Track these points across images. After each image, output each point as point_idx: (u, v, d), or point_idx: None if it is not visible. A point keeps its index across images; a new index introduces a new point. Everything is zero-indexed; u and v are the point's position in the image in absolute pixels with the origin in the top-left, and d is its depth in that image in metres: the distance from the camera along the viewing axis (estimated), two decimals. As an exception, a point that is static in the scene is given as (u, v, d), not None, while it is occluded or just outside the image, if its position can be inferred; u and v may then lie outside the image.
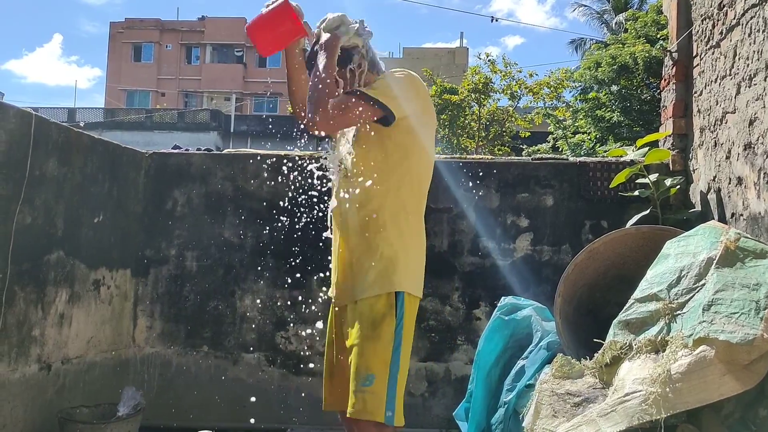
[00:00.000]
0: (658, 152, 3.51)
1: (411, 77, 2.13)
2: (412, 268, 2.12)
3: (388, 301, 2.05)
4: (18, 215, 3.03)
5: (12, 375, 3.05)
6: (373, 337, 2.03)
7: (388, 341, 2.03)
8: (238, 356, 4.02)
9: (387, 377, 2.01)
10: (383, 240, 2.08)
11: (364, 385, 1.99)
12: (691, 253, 2.26)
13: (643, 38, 14.45)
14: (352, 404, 2.01)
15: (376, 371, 2.01)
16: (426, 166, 2.20)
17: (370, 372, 2.00)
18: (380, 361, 2.02)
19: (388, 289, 2.05)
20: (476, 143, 16.46)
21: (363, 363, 2.01)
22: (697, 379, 1.88)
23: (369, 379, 1.99)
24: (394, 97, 2.06)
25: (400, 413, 2.04)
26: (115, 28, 41.96)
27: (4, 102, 3.10)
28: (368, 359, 2.01)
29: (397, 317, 2.05)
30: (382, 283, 2.05)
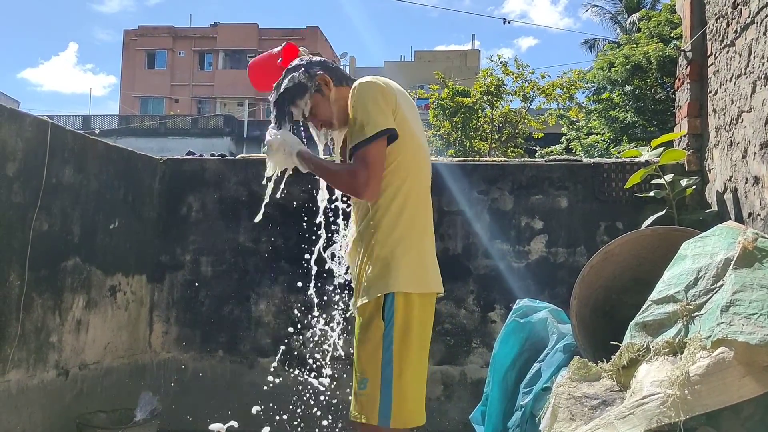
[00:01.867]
0: (673, 152, 3.48)
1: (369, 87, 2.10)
2: (410, 266, 2.07)
3: (375, 304, 2.04)
4: (35, 222, 3.06)
5: (30, 381, 3.08)
6: (364, 340, 2.06)
7: (376, 344, 2.02)
8: (253, 361, 4.03)
9: (379, 380, 2.01)
10: (377, 242, 2.07)
11: (360, 389, 2.04)
12: (708, 253, 2.24)
13: (656, 38, 14.36)
14: (352, 407, 2.06)
15: (369, 375, 2.03)
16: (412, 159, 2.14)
17: (364, 376, 2.04)
18: (371, 364, 2.03)
19: (379, 293, 2.04)
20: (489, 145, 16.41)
21: (359, 367, 2.06)
22: (716, 381, 1.86)
23: (363, 382, 2.03)
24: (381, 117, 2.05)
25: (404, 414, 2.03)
26: (129, 35, 42.31)
27: (21, 110, 3.14)
28: (362, 363, 2.06)
29: (385, 319, 2.02)
30: (376, 287, 2.04)
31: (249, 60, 2.85)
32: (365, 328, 2.05)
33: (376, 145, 2.03)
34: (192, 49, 41.94)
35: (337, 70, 2.27)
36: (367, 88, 2.10)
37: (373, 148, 2.03)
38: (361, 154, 2.03)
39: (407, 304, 2.03)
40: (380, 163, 2.04)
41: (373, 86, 2.10)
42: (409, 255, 2.07)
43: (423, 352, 2.10)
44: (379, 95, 2.08)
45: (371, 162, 2.02)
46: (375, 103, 2.06)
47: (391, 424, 2.00)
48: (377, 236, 2.07)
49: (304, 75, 2.20)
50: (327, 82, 2.21)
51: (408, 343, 2.03)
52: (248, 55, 41.03)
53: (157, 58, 42.06)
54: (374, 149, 2.03)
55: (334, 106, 2.20)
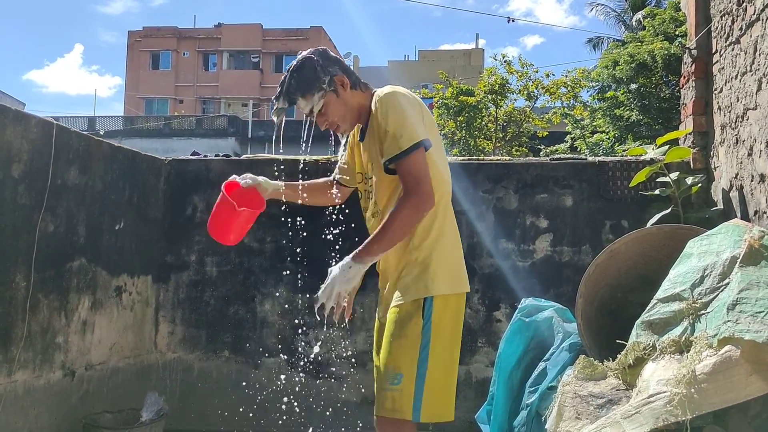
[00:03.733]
0: (679, 150, 3.47)
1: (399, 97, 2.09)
2: (446, 268, 2.14)
3: (414, 304, 2.09)
4: (41, 223, 3.07)
5: (37, 381, 3.09)
6: (401, 336, 2.07)
7: (414, 341, 2.07)
8: (259, 361, 4.04)
9: (415, 376, 2.05)
10: (414, 247, 2.12)
11: (393, 384, 2.04)
12: (714, 251, 2.23)
13: (661, 36, 14.30)
14: (381, 403, 2.06)
15: (404, 371, 2.05)
16: (442, 165, 2.20)
17: (398, 371, 2.05)
18: (408, 360, 2.06)
19: (419, 296, 2.09)
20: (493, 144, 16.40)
21: (391, 362, 2.06)
22: (722, 379, 1.85)
23: (397, 378, 2.04)
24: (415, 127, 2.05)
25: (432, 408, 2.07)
26: (133, 36, 42.43)
27: (26, 112, 3.15)
28: (396, 358, 2.06)
29: (424, 317, 2.08)
30: (416, 289, 2.09)
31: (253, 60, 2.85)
32: (402, 325, 2.07)
33: (416, 155, 2.03)
34: (196, 50, 42.05)
35: (352, 72, 2.23)
36: (396, 98, 2.08)
37: (415, 159, 2.03)
38: (405, 169, 2.02)
39: (445, 305, 2.11)
40: (426, 171, 2.05)
41: (401, 97, 2.09)
42: (445, 258, 2.14)
43: (456, 349, 2.19)
44: (409, 105, 2.08)
45: (420, 175, 2.02)
46: (407, 114, 2.06)
47: (420, 418, 2.05)
48: (413, 241, 2.12)
49: (323, 71, 2.14)
50: (344, 83, 2.17)
51: (443, 341, 2.11)
52: (252, 57, 41.17)
53: (162, 59, 42.18)
54: (416, 160, 2.03)
55: (345, 109, 2.18)
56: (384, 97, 2.10)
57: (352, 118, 2.21)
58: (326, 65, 2.15)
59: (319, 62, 2.15)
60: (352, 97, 2.18)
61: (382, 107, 2.08)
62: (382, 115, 2.07)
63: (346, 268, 2.00)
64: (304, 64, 2.15)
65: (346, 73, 2.18)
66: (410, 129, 2.05)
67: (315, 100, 2.13)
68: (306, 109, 2.16)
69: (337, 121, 2.19)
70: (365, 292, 3.69)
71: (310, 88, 2.13)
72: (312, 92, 2.13)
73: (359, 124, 2.28)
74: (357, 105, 2.19)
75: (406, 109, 2.08)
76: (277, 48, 41.12)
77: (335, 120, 2.19)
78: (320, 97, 2.13)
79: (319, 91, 2.13)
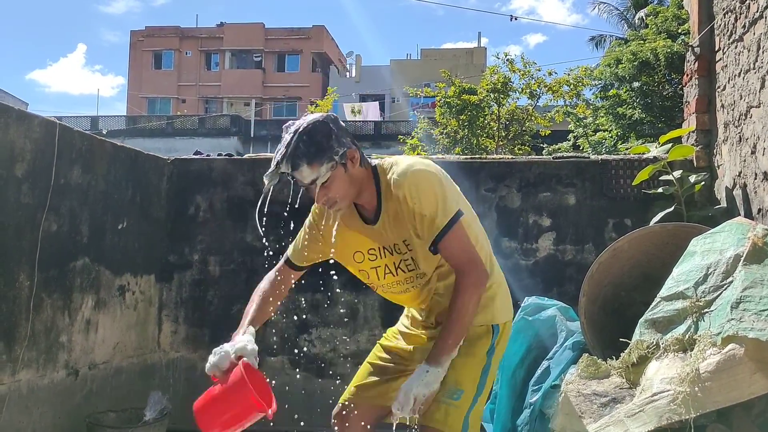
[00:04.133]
0: (682, 148, 3.46)
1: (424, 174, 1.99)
2: (506, 296, 2.20)
3: (483, 327, 2.11)
4: (44, 223, 3.08)
5: (40, 381, 3.10)
6: (468, 354, 2.05)
7: (480, 361, 2.08)
8: (261, 359, 4.02)
9: (473, 395, 2.05)
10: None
11: (453, 399, 2.01)
12: (717, 250, 2.23)
13: (664, 33, 14.28)
14: (431, 413, 2.00)
15: (466, 387, 2.04)
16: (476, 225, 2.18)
17: (460, 387, 2.02)
18: (471, 378, 2.06)
19: (489, 323, 2.11)
20: (496, 143, 16.37)
21: (453, 376, 2.01)
22: (726, 377, 1.85)
23: (458, 393, 2.02)
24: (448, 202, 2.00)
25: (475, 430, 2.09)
26: (136, 36, 42.44)
27: (29, 111, 3.15)
28: (459, 373, 2.03)
29: (491, 342, 2.11)
30: (484, 316, 2.10)
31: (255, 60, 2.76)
32: (472, 344, 2.07)
33: (456, 229, 1.98)
34: (198, 49, 42.05)
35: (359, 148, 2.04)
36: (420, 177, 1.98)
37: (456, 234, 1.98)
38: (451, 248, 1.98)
39: (505, 331, 2.17)
40: (470, 242, 2.03)
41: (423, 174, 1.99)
42: (503, 287, 2.20)
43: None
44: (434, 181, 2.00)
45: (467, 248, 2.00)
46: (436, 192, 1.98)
47: None
48: None
49: (337, 141, 1.91)
50: (355, 158, 1.96)
51: (494, 369, 2.15)
52: (254, 56, 41.18)
53: (164, 59, 42.19)
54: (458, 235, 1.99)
55: (349, 186, 1.98)
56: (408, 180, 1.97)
57: (351, 198, 2.03)
58: (340, 135, 1.94)
59: (334, 131, 1.93)
60: (358, 174, 1.99)
61: (411, 190, 1.96)
62: (413, 199, 1.95)
63: (423, 373, 1.94)
64: (317, 128, 1.91)
65: (356, 147, 1.99)
66: (443, 206, 1.98)
67: (322, 171, 1.90)
68: (308, 179, 1.92)
69: (338, 198, 1.98)
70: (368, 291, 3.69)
71: (320, 157, 1.88)
72: (321, 162, 1.89)
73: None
74: (359, 183, 2.01)
75: (434, 185, 1.98)
76: (280, 47, 41.12)
77: (337, 197, 1.97)
78: (329, 169, 1.90)
79: (330, 162, 1.90)
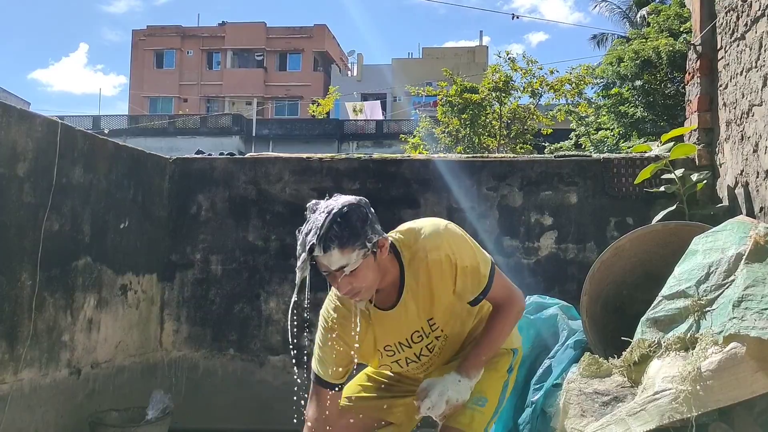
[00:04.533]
0: (684, 147, 3.46)
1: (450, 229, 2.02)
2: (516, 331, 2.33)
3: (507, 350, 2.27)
4: (46, 222, 3.08)
5: (43, 380, 3.10)
6: (492, 368, 2.18)
7: (502, 377, 2.21)
8: (264, 359, 4.04)
9: (494, 407, 2.16)
10: None
11: (478, 405, 2.10)
12: (719, 248, 2.23)
13: (666, 32, 14.26)
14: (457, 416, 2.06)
15: (490, 396, 2.14)
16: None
17: (483, 395, 2.12)
18: (493, 389, 2.17)
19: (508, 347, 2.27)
20: (498, 142, 16.34)
21: (479, 386, 2.10)
22: (728, 376, 1.85)
23: (482, 400, 2.11)
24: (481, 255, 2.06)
25: None
26: (137, 35, 42.46)
27: (31, 111, 3.15)
28: (484, 384, 2.12)
29: (511, 362, 2.27)
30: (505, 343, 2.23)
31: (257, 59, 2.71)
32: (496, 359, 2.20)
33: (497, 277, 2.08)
34: (200, 49, 42.05)
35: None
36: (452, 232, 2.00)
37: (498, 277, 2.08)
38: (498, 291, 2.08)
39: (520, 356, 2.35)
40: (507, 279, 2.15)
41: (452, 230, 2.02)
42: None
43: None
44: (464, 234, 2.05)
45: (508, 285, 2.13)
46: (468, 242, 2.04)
47: None
48: None
49: (371, 228, 1.83)
50: (384, 247, 1.88)
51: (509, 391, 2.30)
52: (256, 55, 41.18)
53: (166, 58, 42.20)
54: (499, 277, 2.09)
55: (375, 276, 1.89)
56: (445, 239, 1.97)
57: (374, 288, 1.95)
58: (374, 222, 1.86)
59: (369, 217, 1.85)
60: (385, 263, 1.92)
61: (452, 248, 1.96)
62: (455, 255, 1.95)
63: (456, 382, 2.02)
64: (352, 212, 1.82)
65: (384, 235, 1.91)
66: (481, 254, 2.05)
67: (353, 258, 1.80)
68: (335, 265, 1.81)
69: (363, 287, 1.88)
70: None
71: (353, 243, 1.79)
72: (353, 247, 1.80)
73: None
74: (383, 272, 1.93)
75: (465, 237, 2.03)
76: (281, 46, 41.11)
77: (363, 286, 1.88)
78: (360, 256, 1.81)
79: (362, 248, 1.81)
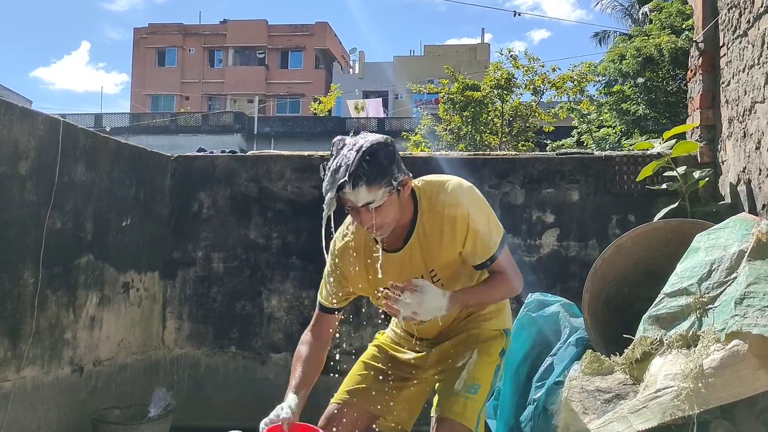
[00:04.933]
0: (686, 144, 3.46)
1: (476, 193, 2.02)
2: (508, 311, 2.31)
3: (499, 332, 2.23)
4: (48, 220, 3.08)
5: (45, 378, 3.11)
6: (485, 352, 2.16)
7: (494, 360, 2.18)
8: (266, 356, 4.05)
9: (487, 392, 2.14)
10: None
11: (471, 393, 2.08)
12: (721, 246, 2.22)
13: (668, 29, 14.22)
14: (450, 405, 2.07)
15: (482, 382, 2.12)
16: None
17: (477, 382, 2.10)
18: (486, 375, 2.14)
19: (500, 327, 2.23)
20: (500, 139, 16.34)
21: (473, 373, 2.11)
22: (730, 374, 1.85)
23: (475, 387, 2.09)
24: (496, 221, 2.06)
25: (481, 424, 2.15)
26: (139, 33, 42.45)
27: (33, 109, 3.16)
28: (477, 370, 2.11)
29: (504, 345, 2.23)
30: (497, 320, 2.22)
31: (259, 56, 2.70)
32: (489, 343, 2.18)
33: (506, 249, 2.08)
34: (202, 47, 42.03)
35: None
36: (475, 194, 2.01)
37: (506, 253, 2.08)
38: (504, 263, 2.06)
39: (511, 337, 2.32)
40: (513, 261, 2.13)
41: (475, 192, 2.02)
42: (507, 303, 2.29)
43: None
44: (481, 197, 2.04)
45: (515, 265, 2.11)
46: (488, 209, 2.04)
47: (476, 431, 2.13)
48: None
49: (397, 167, 1.85)
50: (408, 186, 1.91)
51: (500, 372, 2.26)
52: (258, 53, 41.16)
53: (168, 56, 42.19)
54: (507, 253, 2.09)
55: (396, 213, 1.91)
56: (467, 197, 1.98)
57: (393, 225, 1.95)
58: (399, 161, 1.88)
59: (395, 155, 1.87)
60: (406, 202, 1.95)
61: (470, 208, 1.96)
62: (471, 216, 1.96)
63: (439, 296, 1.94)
64: (381, 149, 1.83)
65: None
66: (496, 223, 2.04)
67: (379, 195, 1.82)
68: (362, 201, 1.82)
69: (386, 223, 1.90)
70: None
71: (380, 180, 1.81)
72: (380, 185, 1.81)
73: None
74: (403, 210, 1.96)
75: (486, 203, 2.03)
76: (283, 44, 41.08)
77: (385, 222, 1.89)
78: (385, 194, 1.83)
79: (388, 186, 1.82)
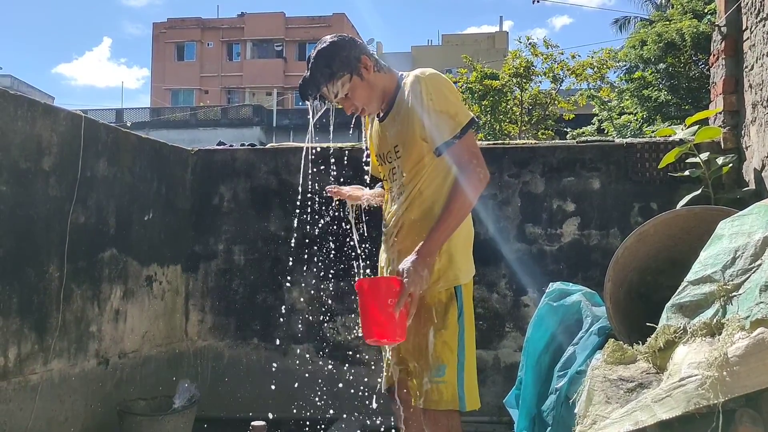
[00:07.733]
0: (709, 130, 3.41)
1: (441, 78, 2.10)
2: (466, 255, 2.18)
3: (448, 294, 2.12)
4: (72, 215, 3.13)
5: (72, 370, 3.16)
6: (441, 327, 2.10)
7: (453, 330, 2.11)
8: (287, 348, 4.08)
9: (456, 365, 2.08)
10: None
11: (438, 376, 2.06)
12: (746, 232, 2.19)
13: (689, 13, 14.02)
14: (428, 396, 2.06)
15: (447, 361, 2.07)
16: None
17: (441, 362, 2.07)
18: (449, 350, 2.09)
19: (452, 284, 2.12)
20: (519, 128, 16.25)
21: (435, 354, 2.07)
22: (755, 362, 1.83)
23: (441, 369, 2.06)
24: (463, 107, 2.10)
25: (473, 396, 2.11)
26: (158, 28, 42.74)
27: (55, 105, 3.19)
28: (438, 350, 2.08)
29: (458, 307, 2.12)
30: (446, 279, 2.11)
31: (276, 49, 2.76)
32: (442, 316, 2.11)
33: (470, 134, 2.07)
34: (220, 40, 42.22)
35: (372, 54, 2.21)
36: (439, 78, 2.09)
37: (470, 137, 2.08)
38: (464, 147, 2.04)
39: (468, 291, 2.17)
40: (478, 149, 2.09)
41: (442, 78, 2.10)
42: (465, 246, 2.18)
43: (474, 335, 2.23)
44: (451, 86, 2.11)
45: (477, 152, 2.06)
46: (453, 94, 2.09)
47: (466, 407, 2.08)
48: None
49: (344, 57, 2.10)
50: (368, 66, 2.14)
51: (470, 327, 2.16)
52: (276, 45, 41.22)
53: (186, 50, 42.45)
54: (472, 139, 2.08)
55: (370, 92, 2.15)
56: (427, 78, 2.08)
57: (378, 101, 2.18)
58: (348, 48, 2.12)
59: (346, 46, 2.12)
60: (376, 79, 2.16)
61: (427, 87, 2.06)
62: (428, 95, 2.05)
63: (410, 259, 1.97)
64: (328, 49, 2.11)
65: (368, 55, 2.15)
66: (462, 108, 2.08)
67: (339, 86, 2.10)
68: (331, 95, 2.12)
69: (362, 105, 2.17)
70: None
71: (336, 76, 2.09)
72: (335, 78, 2.09)
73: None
74: (381, 87, 2.17)
75: (452, 88, 2.10)
76: (300, 36, 41.12)
77: (361, 104, 2.16)
78: (345, 82, 2.10)
79: (345, 74, 2.09)
